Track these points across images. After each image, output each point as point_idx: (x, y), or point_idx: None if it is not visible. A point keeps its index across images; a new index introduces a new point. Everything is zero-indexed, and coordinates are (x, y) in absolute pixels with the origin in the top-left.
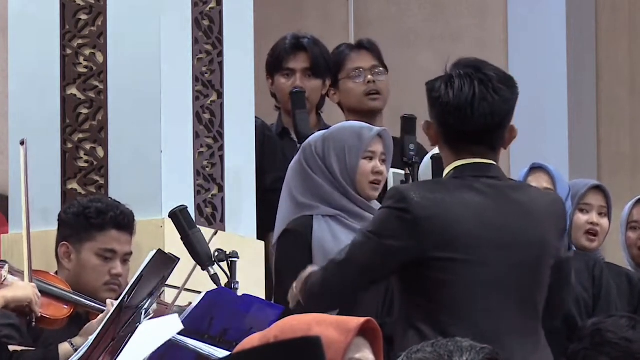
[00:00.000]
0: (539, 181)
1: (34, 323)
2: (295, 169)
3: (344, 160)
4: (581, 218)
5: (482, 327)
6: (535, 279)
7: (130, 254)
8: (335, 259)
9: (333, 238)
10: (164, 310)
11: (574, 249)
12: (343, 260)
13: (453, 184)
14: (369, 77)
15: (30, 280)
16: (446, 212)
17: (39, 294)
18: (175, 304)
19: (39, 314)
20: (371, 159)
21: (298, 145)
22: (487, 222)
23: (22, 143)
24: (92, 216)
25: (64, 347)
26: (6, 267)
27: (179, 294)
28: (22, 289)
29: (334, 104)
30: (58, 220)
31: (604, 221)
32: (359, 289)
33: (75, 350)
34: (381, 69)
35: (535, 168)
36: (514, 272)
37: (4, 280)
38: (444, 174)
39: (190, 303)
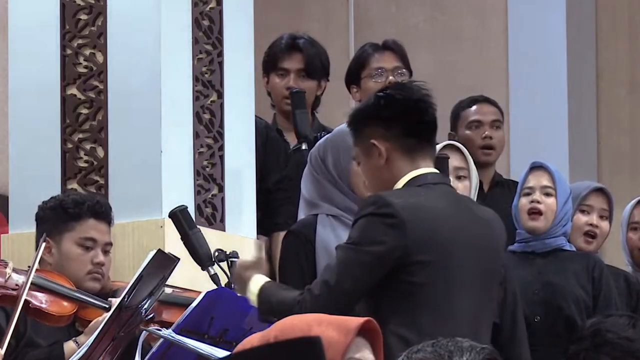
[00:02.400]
0: (539, 180)
1: None
2: (304, 173)
3: (339, 162)
4: (581, 219)
5: (462, 329)
6: (494, 283)
7: (111, 244)
8: (324, 282)
9: (336, 237)
10: None
11: (574, 249)
12: (333, 286)
13: (422, 191)
14: (391, 77)
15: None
16: (426, 216)
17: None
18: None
19: None
20: None
21: (291, 146)
22: (457, 227)
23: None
24: (69, 207)
25: (69, 346)
26: (10, 264)
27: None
28: None
29: (331, 105)
30: (36, 219)
31: (604, 224)
32: (354, 305)
33: None
34: (404, 70)
35: (536, 167)
36: (480, 276)
37: (9, 277)
38: (400, 185)
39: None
